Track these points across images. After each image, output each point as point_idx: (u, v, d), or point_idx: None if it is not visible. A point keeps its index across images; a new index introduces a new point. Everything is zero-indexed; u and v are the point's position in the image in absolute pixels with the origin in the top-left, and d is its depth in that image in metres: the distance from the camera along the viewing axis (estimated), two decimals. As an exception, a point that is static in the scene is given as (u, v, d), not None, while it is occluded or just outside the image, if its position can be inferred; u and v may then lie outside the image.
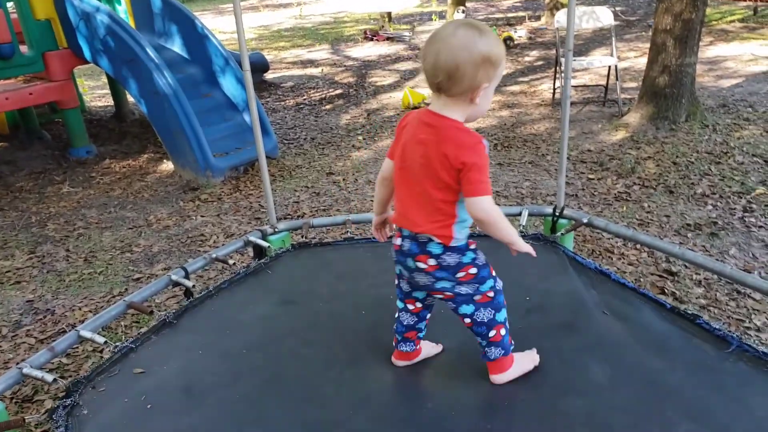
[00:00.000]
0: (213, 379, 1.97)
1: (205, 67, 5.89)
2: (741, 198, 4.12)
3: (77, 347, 2.89)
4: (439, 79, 1.53)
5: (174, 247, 4.06)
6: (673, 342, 2.00)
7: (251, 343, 2.16)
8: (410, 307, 1.87)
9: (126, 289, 3.50)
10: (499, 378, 1.87)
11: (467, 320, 1.80)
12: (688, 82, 5.50)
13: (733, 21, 11.00)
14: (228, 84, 5.80)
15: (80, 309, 3.31)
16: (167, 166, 5.70)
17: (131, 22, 6.13)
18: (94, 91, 9.53)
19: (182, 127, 5.03)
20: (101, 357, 2.68)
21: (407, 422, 1.75)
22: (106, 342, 2.16)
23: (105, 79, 8.41)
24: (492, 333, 1.80)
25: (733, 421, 1.64)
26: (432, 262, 1.68)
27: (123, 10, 6.27)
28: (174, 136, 5.18)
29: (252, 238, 2.94)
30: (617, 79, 6.41)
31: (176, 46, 6.08)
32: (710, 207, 4.05)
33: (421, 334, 1.96)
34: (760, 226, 3.72)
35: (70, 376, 2.66)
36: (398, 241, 1.73)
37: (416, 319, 1.89)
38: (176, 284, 2.63)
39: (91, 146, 6.18)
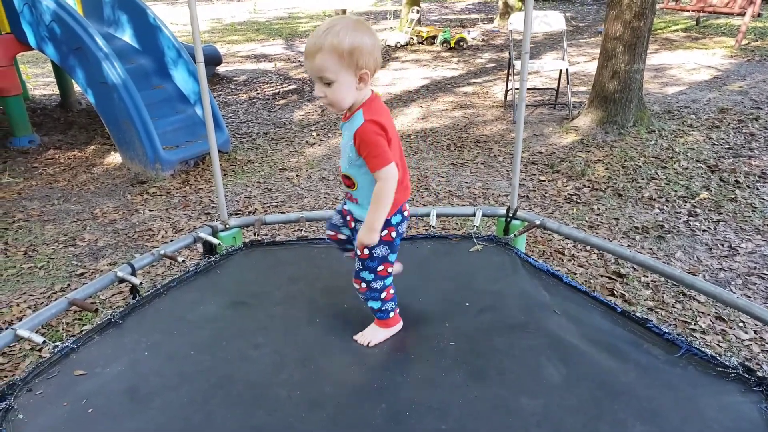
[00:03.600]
0: (159, 382, 1.90)
1: (157, 58, 5.73)
2: (686, 202, 4.25)
3: (14, 346, 2.77)
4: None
5: (120, 241, 3.92)
6: (625, 344, 2.04)
7: (199, 345, 2.09)
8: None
9: (69, 285, 3.37)
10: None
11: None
12: (636, 87, 5.65)
13: (677, 30, 11.39)
14: (180, 76, 5.65)
15: (18, 305, 3.17)
16: (115, 158, 5.52)
17: (79, 9, 5.90)
18: (39, 79, 9.17)
19: (131, 118, 4.87)
20: (40, 357, 2.57)
21: (361, 423, 1.72)
22: (44, 341, 2.05)
23: (50, 67, 8.10)
24: None
25: (684, 423, 1.67)
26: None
27: (70, -4, 6.03)
28: (122, 127, 5.01)
29: (202, 234, 2.85)
30: (568, 83, 6.54)
31: (126, 36, 5.89)
32: (657, 210, 4.16)
33: None
34: (704, 230, 3.84)
35: (6, 377, 2.54)
36: (407, 211, 2.00)
37: None
38: (122, 281, 2.53)
39: (34, 136, 5.94)
